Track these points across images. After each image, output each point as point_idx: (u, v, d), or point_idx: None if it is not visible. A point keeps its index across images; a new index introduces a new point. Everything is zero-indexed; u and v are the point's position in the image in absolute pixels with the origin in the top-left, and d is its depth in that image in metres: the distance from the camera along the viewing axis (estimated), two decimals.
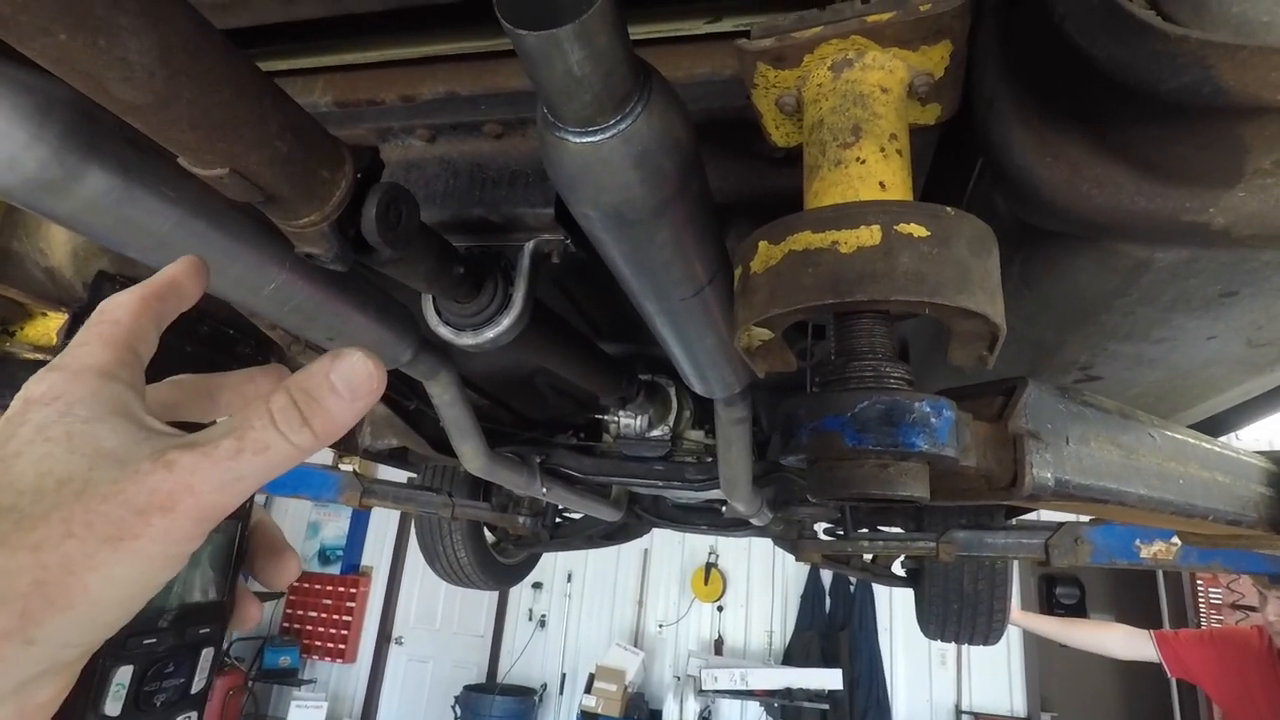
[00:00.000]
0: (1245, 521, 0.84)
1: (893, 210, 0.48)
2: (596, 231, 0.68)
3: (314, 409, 0.35)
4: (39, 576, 0.30)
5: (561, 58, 0.47)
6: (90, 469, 0.33)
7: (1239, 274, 0.58)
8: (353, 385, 0.36)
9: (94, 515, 0.31)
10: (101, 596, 0.31)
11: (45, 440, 0.33)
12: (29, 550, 0.30)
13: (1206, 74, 0.38)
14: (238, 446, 0.34)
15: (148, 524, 0.32)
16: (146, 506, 0.32)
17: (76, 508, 0.31)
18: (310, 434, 0.35)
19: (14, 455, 0.33)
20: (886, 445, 0.49)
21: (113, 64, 0.45)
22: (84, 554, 0.31)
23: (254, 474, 0.34)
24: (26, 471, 0.32)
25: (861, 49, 0.57)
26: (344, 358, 0.36)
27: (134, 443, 0.34)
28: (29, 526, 0.31)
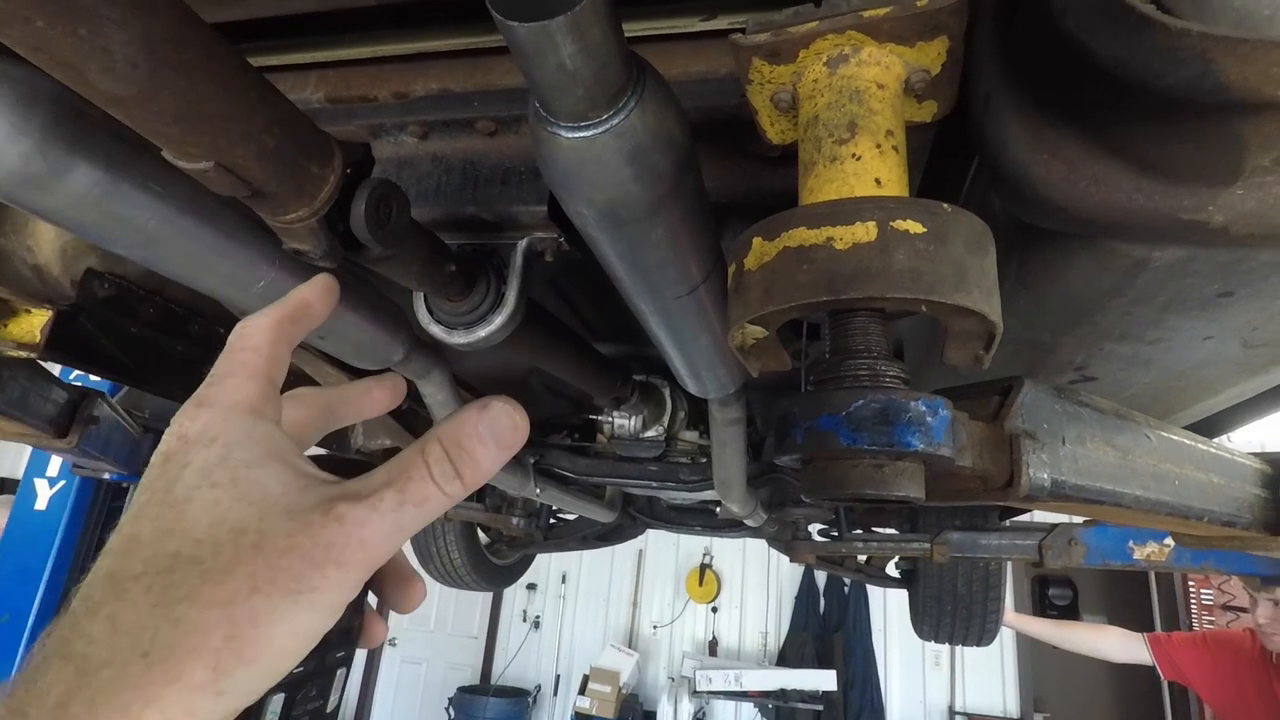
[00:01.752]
0: (1240, 523, 0.84)
1: (889, 206, 0.47)
2: (590, 229, 0.67)
3: (464, 460, 0.37)
4: (230, 631, 0.31)
5: (554, 51, 0.46)
6: (261, 519, 0.33)
7: (1236, 274, 0.57)
8: (499, 436, 0.38)
9: (276, 570, 0.32)
10: (283, 647, 0.33)
11: (212, 486, 0.34)
12: (220, 606, 0.31)
13: (1207, 68, 0.37)
14: (400, 499, 0.35)
15: (324, 577, 0.33)
16: (323, 561, 0.33)
17: (259, 562, 0.32)
18: (461, 485, 0.37)
19: (184, 501, 0.34)
20: (882, 445, 0.48)
21: (94, 54, 0.44)
22: (269, 608, 0.32)
23: (413, 524, 0.36)
24: (200, 519, 0.33)
25: (857, 44, 0.57)
26: (491, 409, 0.38)
27: (298, 491, 0.35)
28: (216, 581, 0.32)
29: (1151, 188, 0.48)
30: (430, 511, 0.36)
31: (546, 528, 3.17)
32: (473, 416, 0.38)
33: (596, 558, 7.91)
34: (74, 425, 1.72)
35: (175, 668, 0.30)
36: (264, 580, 0.32)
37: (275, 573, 0.32)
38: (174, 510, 0.34)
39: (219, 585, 0.32)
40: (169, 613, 0.31)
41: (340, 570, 0.33)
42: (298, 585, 0.32)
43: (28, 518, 3.00)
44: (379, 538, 0.34)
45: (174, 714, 0.30)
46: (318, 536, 0.33)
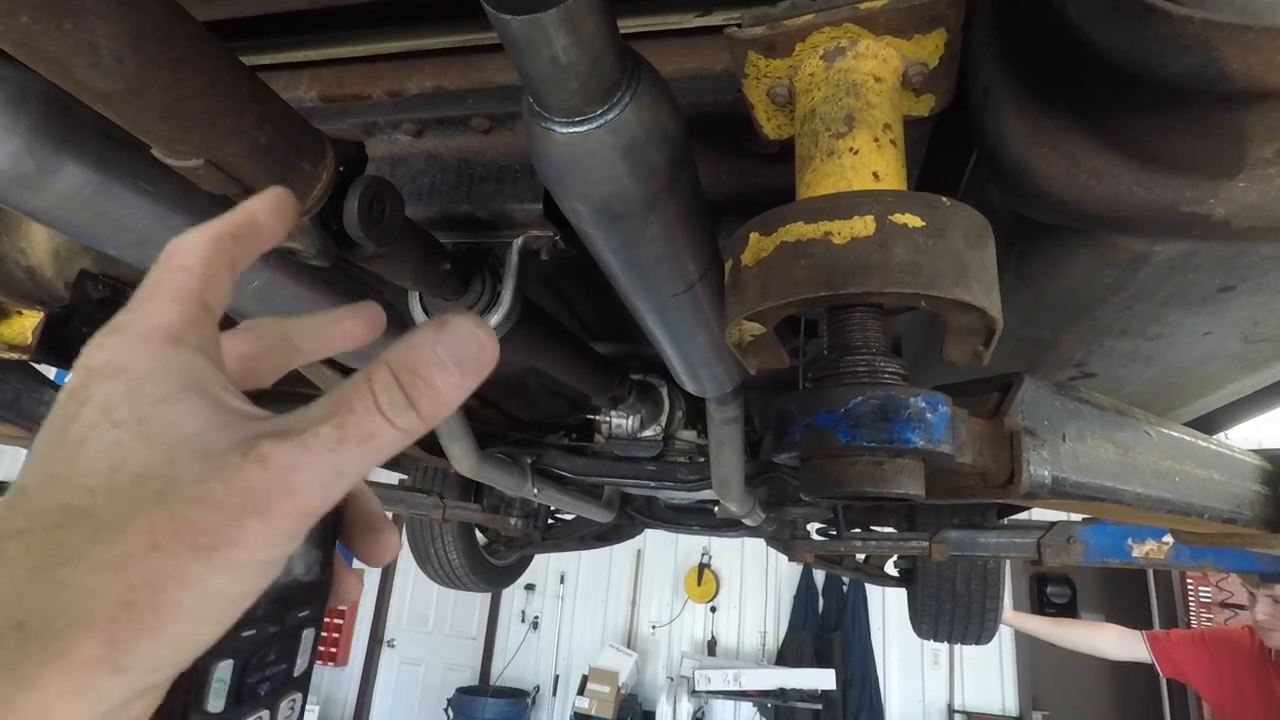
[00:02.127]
0: (1240, 520, 0.84)
1: (887, 200, 0.47)
2: (585, 226, 0.66)
3: (419, 388, 0.30)
4: (125, 598, 0.26)
5: (547, 44, 0.46)
6: (170, 463, 0.28)
7: (1237, 268, 0.57)
8: (462, 358, 0.30)
9: (181, 523, 0.27)
10: (194, 614, 0.27)
11: (113, 425, 0.28)
12: (111, 568, 0.26)
13: (1210, 57, 0.37)
14: (339, 435, 0.29)
15: (243, 530, 0.27)
16: (240, 510, 0.27)
17: (160, 514, 0.27)
18: (416, 417, 0.30)
19: (79, 441, 0.28)
20: (881, 442, 0.47)
21: (80, 49, 0.44)
22: (173, 569, 0.26)
23: (357, 466, 0.29)
24: (96, 464, 0.28)
25: (854, 37, 0.56)
26: (450, 327, 0.31)
27: (218, 428, 0.29)
28: (107, 538, 0.26)
29: (1152, 180, 0.48)
30: (378, 450, 0.30)
31: (544, 528, 3.17)
32: (429, 336, 0.30)
33: (595, 558, 7.91)
34: None
35: (56, 643, 0.25)
36: (165, 535, 0.26)
37: (180, 526, 0.27)
38: (67, 454, 0.28)
39: (111, 543, 0.26)
40: (50, 576, 0.26)
41: (263, 521, 0.27)
42: (209, 540, 0.27)
43: None
44: (312, 483, 0.28)
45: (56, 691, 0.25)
46: (234, 481, 0.27)
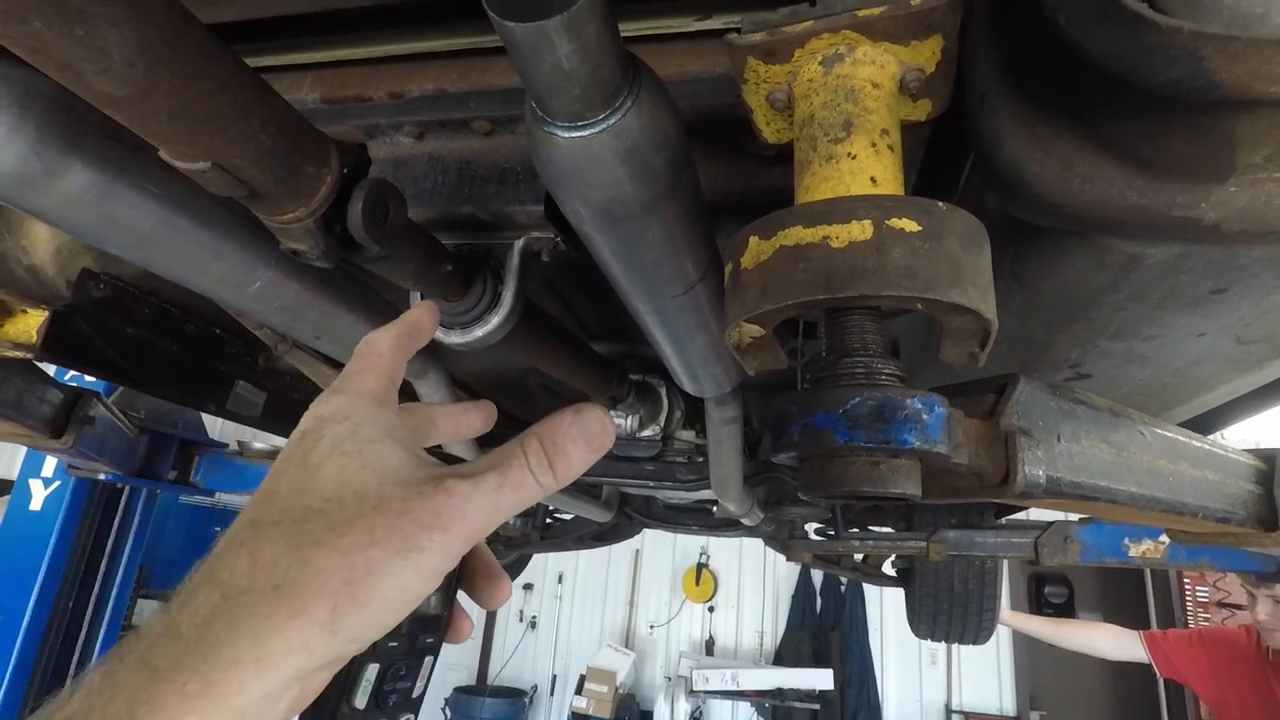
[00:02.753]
0: (1234, 519, 0.85)
1: (884, 205, 0.47)
2: (586, 229, 0.67)
3: (558, 456, 0.42)
4: (348, 576, 0.35)
5: (550, 50, 0.46)
6: (380, 485, 0.38)
7: (1229, 270, 0.58)
8: (590, 437, 0.43)
9: (391, 529, 0.37)
10: (389, 599, 0.36)
11: (341, 454, 0.39)
12: (341, 552, 0.36)
13: (1199, 66, 0.38)
14: (500, 481, 0.40)
15: (430, 539, 0.37)
16: (431, 525, 0.37)
17: (378, 520, 0.37)
18: (553, 477, 0.42)
19: (317, 465, 0.39)
20: (878, 442, 0.48)
21: (90, 54, 0.44)
22: (383, 560, 0.36)
23: (509, 506, 0.40)
24: (329, 480, 0.38)
25: (852, 44, 0.57)
26: (585, 413, 0.43)
27: (413, 466, 0.40)
28: (340, 531, 0.36)
29: (1145, 185, 0.48)
30: (524, 498, 0.40)
31: (543, 528, 3.17)
32: (568, 418, 0.43)
33: (593, 558, 7.91)
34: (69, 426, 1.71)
35: (300, 601, 0.35)
36: (381, 535, 0.36)
37: (390, 530, 0.37)
38: (308, 473, 0.39)
39: (342, 535, 0.36)
40: (299, 554, 0.36)
41: (444, 535, 0.37)
42: (407, 544, 0.36)
43: (23, 518, 2.99)
44: (479, 512, 0.38)
45: (295, 645, 0.34)
46: (428, 503, 0.38)
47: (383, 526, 0.37)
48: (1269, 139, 0.43)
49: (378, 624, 0.37)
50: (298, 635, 0.34)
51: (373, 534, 0.36)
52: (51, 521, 2.98)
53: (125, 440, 2.52)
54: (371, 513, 0.37)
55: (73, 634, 3.06)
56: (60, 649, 3.00)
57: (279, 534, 0.37)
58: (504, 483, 0.40)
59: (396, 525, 0.37)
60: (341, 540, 0.36)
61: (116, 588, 3.20)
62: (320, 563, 0.35)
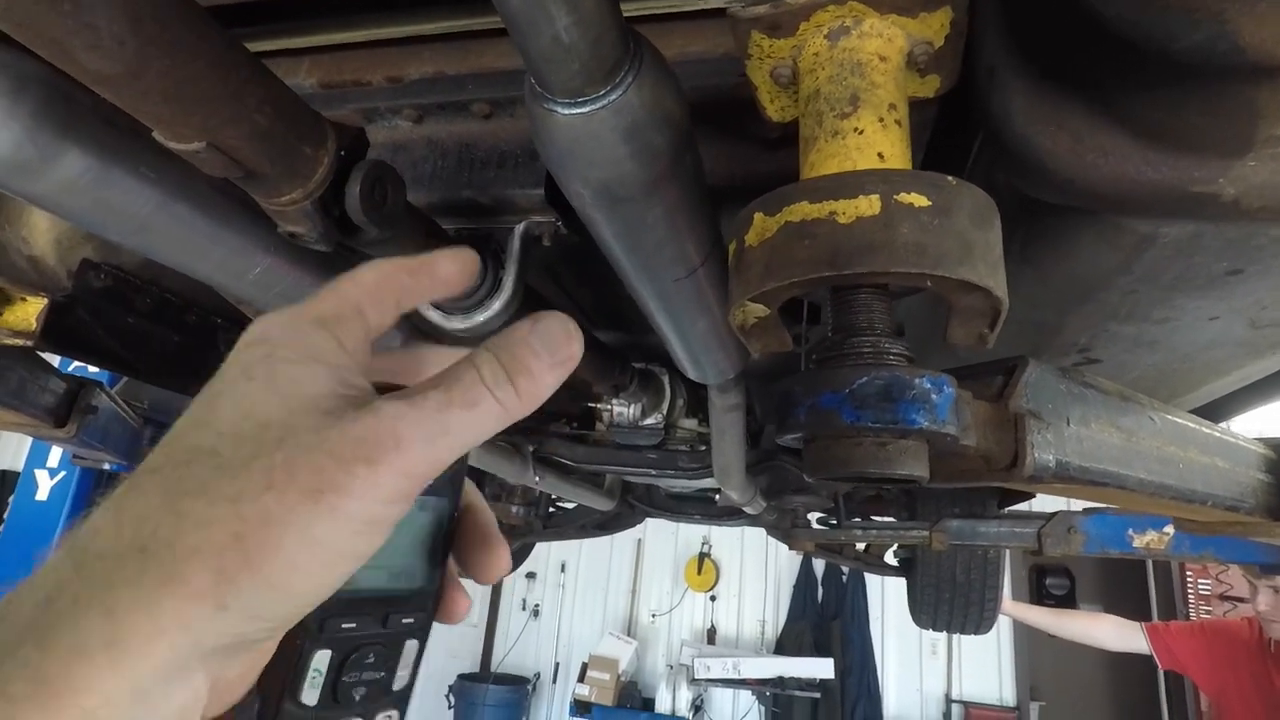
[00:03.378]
0: (1243, 508, 0.84)
1: (893, 179, 0.46)
2: (587, 210, 0.66)
3: (517, 367, 0.33)
4: (236, 529, 0.27)
5: (548, 23, 0.45)
6: (290, 413, 0.30)
7: (1245, 250, 0.57)
8: (553, 345, 0.35)
9: (295, 466, 0.28)
10: (296, 559, 0.28)
11: (247, 379, 0.31)
12: (228, 501, 0.28)
13: (1222, 30, 0.36)
14: (446, 399, 0.31)
15: (350, 475, 0.29)
16: (351, 456, 0.29)
17: (278, 455, 0.29)
18: (514, 392, 0.33)
19: (217, 394, 0.31)
20: (886, 422, 0.47)
21: (79, 30, 0.43)
22: (283, 508, 0.28)
23: (461, 430, 0.32)
24: (227, 410, 0.31)
25: (859, 16, 0.55)
26: (542, 319, 0.35)
27: (338, 395, 0.31)
28: (229, 475, 0.28)
29: (1161, 159, 0.47)
30: (480, 418, 0.32)
31: (545, 516, 3.17)
32: (524, 326, 0.35)
33: (595, 546, 7.93)
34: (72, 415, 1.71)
35: (172, 568, 0.27)
36: (281, 475, 0.28)
37: (294, 467, 0.28)
38: (207, 404, 0.31)
39: (232, 479, 0.28)
40: (174, 505, 0.28)
41: (369, 469, 0.29)
42: (318, 482, 0.28)
43: (29, 508, 3.00)
44: (417, 435, 0.30)
45: (166, 623, 0.26)
46: (347, 430, 0.29)
47: (285, 463, 0.28)
48: None
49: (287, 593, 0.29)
50: (169, 610, 0.26)
51: (270, 475, 0.28)
52: (58, 512, 2.99)
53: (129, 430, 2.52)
54: (273, 447, 0.29)
55: None
56: None
57: (155, 484, 0.29)
58: (450, 399, 0.31)
59: (303, 462, 0.28)
60: (229, 485, 0.28)
61: None
62: (200, 515, 0.27)
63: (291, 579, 0.28)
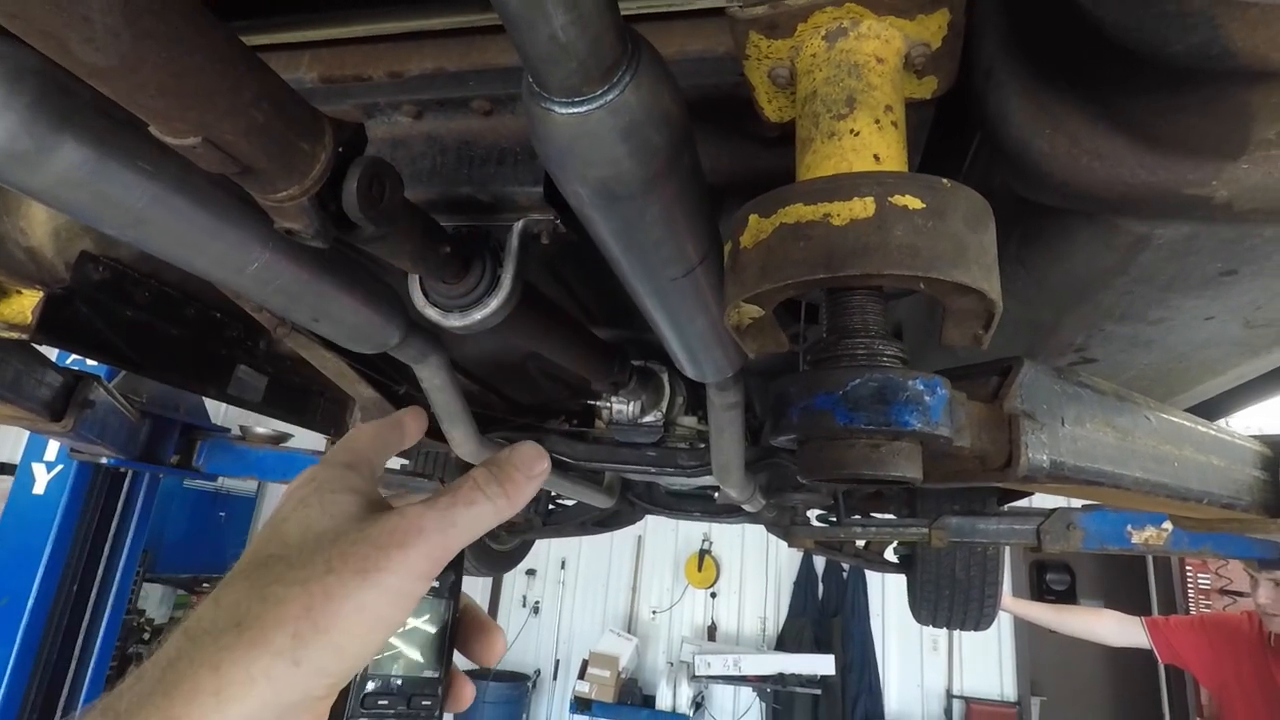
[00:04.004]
0: (1239, 505, 0.84)
1: (887, 182, 0.46)
2: (585, 209, 0.66)
3: (504, 478, 0.47)
4: (306, 603, 0.38)
5: (545, 22, 0.45)
6: (337, 524, 0.42)
7: (1239, 251, 0.57)
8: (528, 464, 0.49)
9: (347, 555, 0.40)
10: (352, 625, 0.38)
11: (304, 507, 0.43)
12: (299, 584, 0.38)
13: (1215, 34, 0.36)
14: (451, 501, 0.44)
15: (388, 557, 0.40)
16: (387, 543, 0.40)
17: (334, 550, 0.40)
18: (503, 494, 0.46)
19: (283, 520, 0.43)
20: (879, 424, 0.47)
21: (74, 22, 0.43)
22: (340, 584, 0.38)
23: (465, 522, 0.44)
24: (292, 531, 0.42)
25: (857, 17, 0.55)
26: (520, 447, 0.50)
27: (370, 508, 0.44)
28: (299, 565, 0.39)
29: (1155, 162, 0.47)
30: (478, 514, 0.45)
31: (545, 513, 3.18)
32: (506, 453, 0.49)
33: (595, 543, 7.95)
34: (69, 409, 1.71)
35: (260, 634, 0.37)
36: (337, 562, 0.39)
37: (347, 556, 0.39)
38: (275, 528, 0.43)
39: (300, 569, 0.39)
40: (260, 592, 0.38)
41: (403, 551, 0.40)
42: (364, 565, 0.39)
43: (26, 502, 3.00)
44: (434, 526, 0.42)
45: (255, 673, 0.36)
46: (383, 526, 0.41)
47: (339, 555, 0.39)
48: None
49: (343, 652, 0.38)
50: (258, 664, 0.36)
51: (329, 563, 0.39)
52: (55, 505, 2.99)
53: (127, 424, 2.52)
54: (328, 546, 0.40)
55: (77, 618, 3.08)
56: (64, 633, 3.02)
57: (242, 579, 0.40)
58: (455, 501, 0.44)
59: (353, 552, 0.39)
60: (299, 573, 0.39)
61: (120, 572, 3.21)
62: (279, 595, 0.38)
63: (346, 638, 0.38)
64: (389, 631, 0.40)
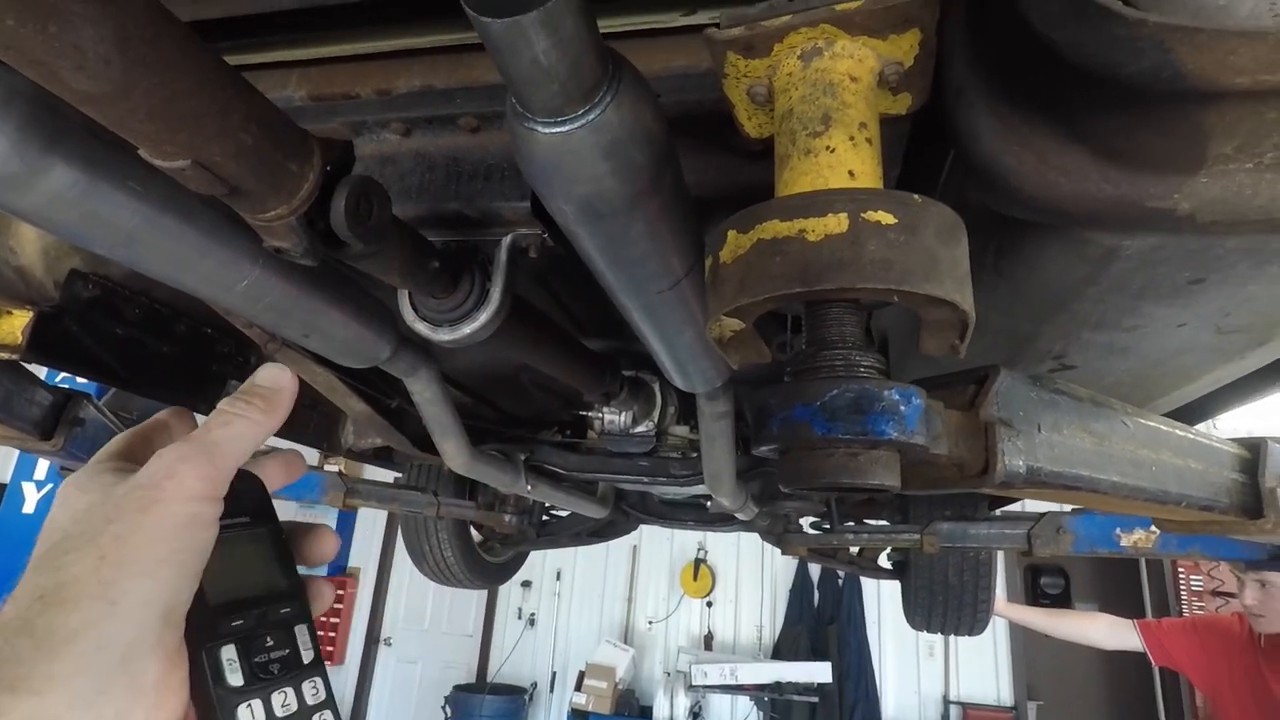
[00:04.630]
0: (1218, 507, 0.85)
1: (860, 198, 0.48)
2: (571, 225, 0.67)
3: (249, 394, 0.50)
4: (100, 552, 0.39)
5: (527, 46, 0.47)
6: (105, 490, 0.43)
7: (1205, 260, 0.58)
8: (269, 379, 0.51)
9: (122, 504, 0.41)
10: (152, 552, 0.40)
11: (65, 503, 0.43)
12: (88, 542, 0.40)
13: (1165, 58, 0.38)
14: (205, 429, 0.47)
15: (161, 490, 0.41)
16: (157, 479, 0.42)
17: (108, 507, 0.41)
18: (253, 408, 0.49)
19: (50, 522, 0.43)
20: (856, 434, 0.48)
21: (65, 52, 0.44)
22: (128, 527, 0.40)
23: (227, 440, 0.46)
24: (60, 520, 0.42)
25: (831, 38, 0.57)
26: (262, 369, 0.52)
27: (131, 470, 0.44)
28: (79, 535, 0.40)
29: (1119, 177, 0.49)
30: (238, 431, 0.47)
31: (539, 524, 3.18)
32: (252, 376, 0.52)
33: (591, 554, 7.93)
34: (59, 427, 1.70)
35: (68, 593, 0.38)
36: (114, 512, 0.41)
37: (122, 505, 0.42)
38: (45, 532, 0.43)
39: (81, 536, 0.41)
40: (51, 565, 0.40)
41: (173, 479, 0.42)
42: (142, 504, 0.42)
43: (16, 521, 2.98)
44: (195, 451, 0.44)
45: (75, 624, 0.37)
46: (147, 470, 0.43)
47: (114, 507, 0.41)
48: (1238, 130, 0.44)
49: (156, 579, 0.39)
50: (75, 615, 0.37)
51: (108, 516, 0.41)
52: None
53: None
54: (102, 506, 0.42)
55: None
56: None
57: (30, 573, 0.41)
58: (209, 426, 0.47)
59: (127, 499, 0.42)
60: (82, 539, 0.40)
61: None
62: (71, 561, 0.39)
63: (156, 567, 0.40)
64: (198, 553, 0.42)
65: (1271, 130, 0.44)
